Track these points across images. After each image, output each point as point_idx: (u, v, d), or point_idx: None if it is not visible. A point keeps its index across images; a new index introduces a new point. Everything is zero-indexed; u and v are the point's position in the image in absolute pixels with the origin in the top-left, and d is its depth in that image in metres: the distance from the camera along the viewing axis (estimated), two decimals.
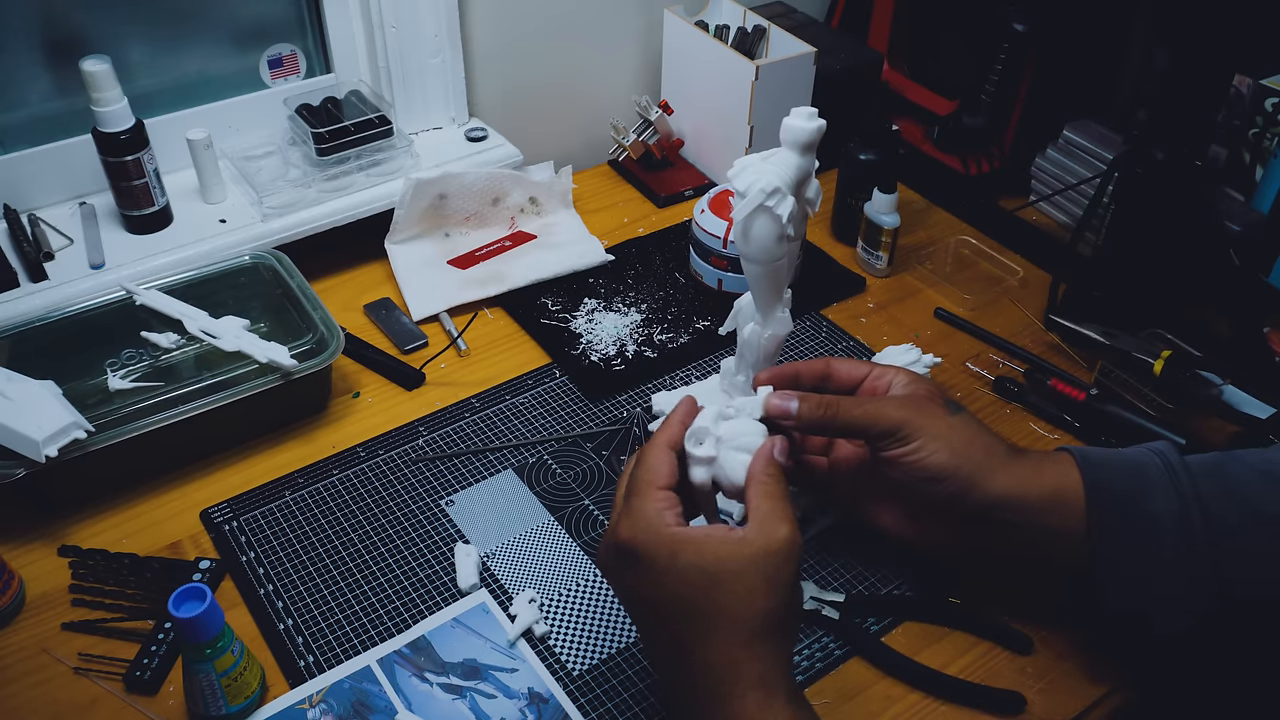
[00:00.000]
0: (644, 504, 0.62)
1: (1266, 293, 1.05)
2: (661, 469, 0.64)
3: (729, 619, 0.59)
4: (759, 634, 0.59)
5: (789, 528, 0.61)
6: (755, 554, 0.60)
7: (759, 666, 0.59)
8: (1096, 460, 0.70)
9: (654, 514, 0.62)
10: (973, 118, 1.24)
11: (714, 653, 0.59)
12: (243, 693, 0.68)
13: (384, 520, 0.85)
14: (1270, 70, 1.05)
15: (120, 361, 0.91)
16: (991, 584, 0.79)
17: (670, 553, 0.60)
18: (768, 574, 0.59)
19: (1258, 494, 0.67)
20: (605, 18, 1.28)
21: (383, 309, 1.06)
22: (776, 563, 0.60)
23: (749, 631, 0.59)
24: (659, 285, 1.10)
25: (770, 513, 0.62)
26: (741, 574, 0.59)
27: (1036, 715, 0.72)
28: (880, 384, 0.75)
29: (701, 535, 0.61)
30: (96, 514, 0.85)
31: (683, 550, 0.60)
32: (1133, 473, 0.69)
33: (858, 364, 0.77)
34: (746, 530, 0.61)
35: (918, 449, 0.69)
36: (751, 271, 0.79)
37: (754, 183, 0.73)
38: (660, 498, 0.62)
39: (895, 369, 0.76)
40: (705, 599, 0.59)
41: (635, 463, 0.66)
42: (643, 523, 0.62)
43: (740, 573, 0.59)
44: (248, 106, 1.14)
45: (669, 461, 0.65)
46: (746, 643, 0.59)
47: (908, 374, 0.75)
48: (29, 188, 1.05)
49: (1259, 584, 0.66)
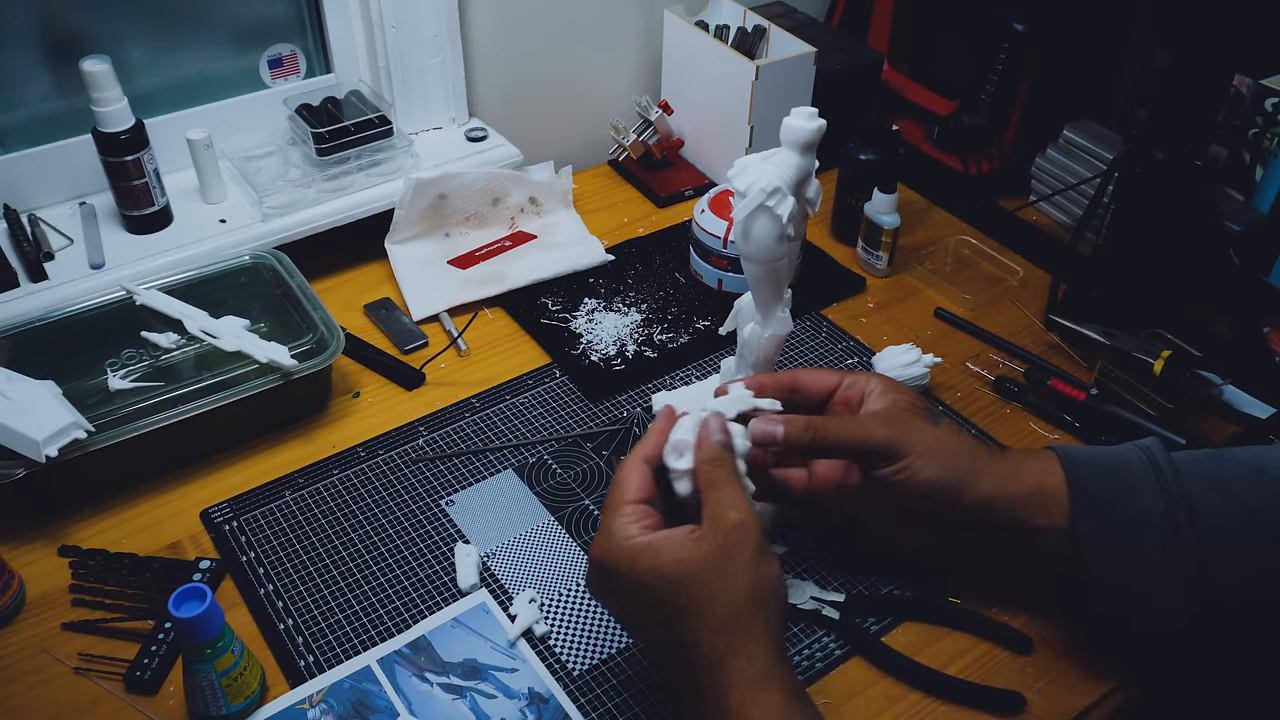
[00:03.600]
0: (611, 520, 0.64)
1: (1266, 293, 1.05)
2: (630, 484, 0.65)
3: (696, 618, 0.60)
4: (731, 626, 0.60)
5: (737, 514, 0.62)
6: (708, 550, 0.61)
7: (739, 660, 0.59)
8: (1080, 458, 0.70)
9: (619, 528, 0.63)
10: (973, 118, 1.24)
11: (694, 652, 0.60)
12: (243, 693, 0.68)
13: (384, 520, 0.85)
14: (1270, 70, 1.05)
15: (120, 361, 0.91)
16: (988, 578, 0.79)
17: (632, 564, 0.62)
18: (721, 567, 0.61)
19: (1247, 490, 0.67)
20: (605, 18, 1.28)
21: (383, 309, 1.06)
22: (731, 553, 0.61)
23: (720, 626, 0.60)
24: (659, 285, 1.10)
25: (716, 503, 0.63)
26: (699, 573, 0.61)
27: (1036, 715, 0.72)
28: (853, 393, 0.75)
29: (661, 540, 0.62)
30: (96, 514, 0.85)
31: (642, 558, 0.62)
32: (1117, 470, 0.69)
33: (826, 375, 0.76)
34: (701, 527, 0.63)
35: (907, 466, 0.70)
36: (751, 271, 0.79)
37: (754, 183, 0.73)
38: (627, 512, 0.64)
39: (867, 375, 0.75)
40: (671, 603, 0.61)
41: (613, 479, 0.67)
42: (609, 538, 0.63)
43: (698, 571, 0.61)
44: (248, 106, 1.14)
45: (639, 475, 0.66)
46: (722, 638, 0.60)
47: (880, 380, 0.75)
48: (29, 188, 1.05)
49: (1249, 581, 0.66)
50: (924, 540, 0.77)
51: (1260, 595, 0.66)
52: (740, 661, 0.59)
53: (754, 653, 0.60)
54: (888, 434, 0.70)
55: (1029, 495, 0.69)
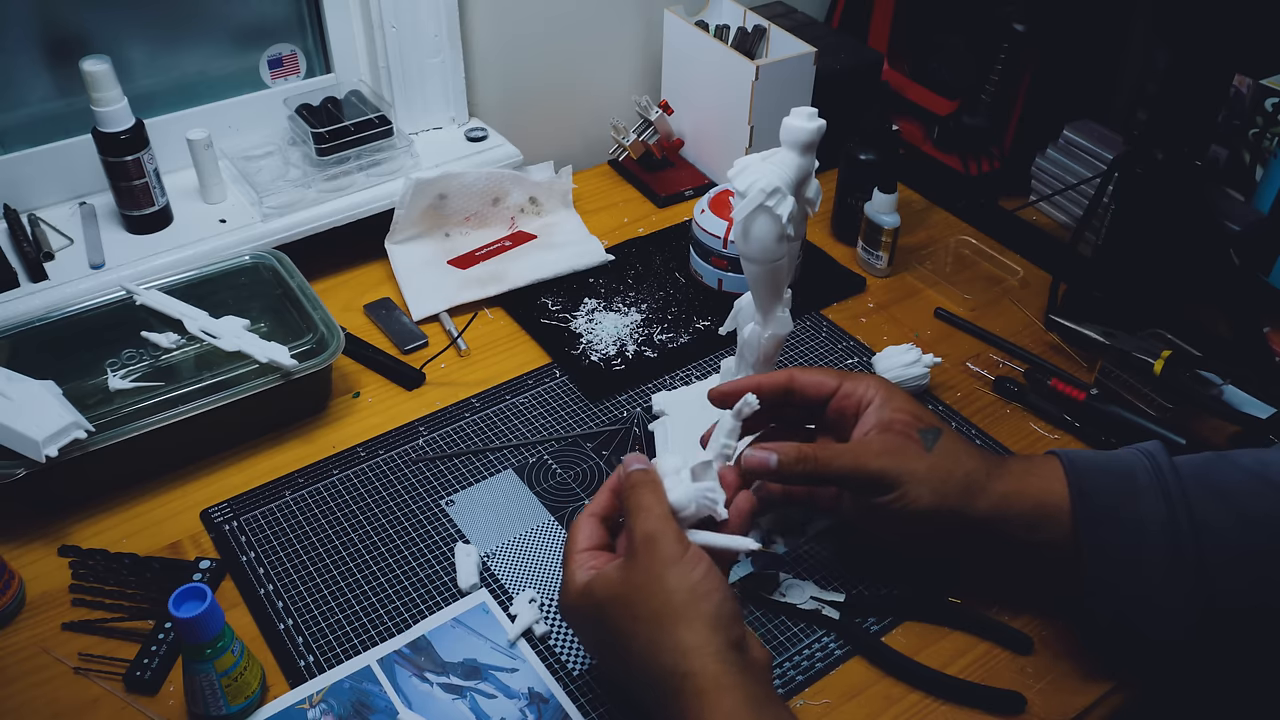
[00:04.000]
0: (566, 570, 0.67)
1: (1266, 293, 1.05)
2: (579, 536, 0.68)
3: (630, 639, 0.61)
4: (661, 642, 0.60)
5: (644, 530, 0.63)
6: (625, 571, 0.63)
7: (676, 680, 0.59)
8: (1083, 464, 0.70)
9: (569, 575, 0.66)
10: (973, 118, 1.24)
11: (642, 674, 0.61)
12: (243, 693, 0.68)
13: (384, 520, 0.85)
14: (1270, 70, 1.05)
15: (120, 361, 0.91)
16: (988, 578, 0.79)
17: (580, 599, 0.65)
18: (639, 583, 0.62)
19: (1248, 495, 0.66)
20: (605, 18, 1.28)
21: (383, 309, 1.06)
22: (643, 568, 0.62)
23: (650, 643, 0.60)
24: (659, 285, 1.10)
25: (631, 528, 0.65)
26: (621, 594, 0.63)
27: (1036, 715, 0.72)
28: (849, 404, 0.74)
29: (596, 574, 0.64)
30: (96, 514, 0.85)
31: (585, 593, 0.64)
32: (1120, 475, 0.69)
33: (823, 377, 0.76)
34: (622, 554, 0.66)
35: (901, 496, 0.70)
36: (751, 271, 0.79)
37: (754, 183, 0.73)
38: (577, 560, 0.66)
39: (864, 381, 0.75)
40: (611, 628, 0.63)
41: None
42: (565, 584, 0.66)
43: (620, 594, 0.63)
44: (248, 106, 1.14)
45: (589, 527, 0.68)
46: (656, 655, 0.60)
47: (878, 390, 0.74)
48: (29, 188, 1.05)
49: (1250, 587, 0.65)
50: (924, 550, 0.78)
51: (1261, 603, 0.66)
52: (677, 680, 0.59)
53: (691, 667, 0.59)
54: (880, 465, 0.70)
55: (1030, 513, 0.69)
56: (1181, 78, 0.99)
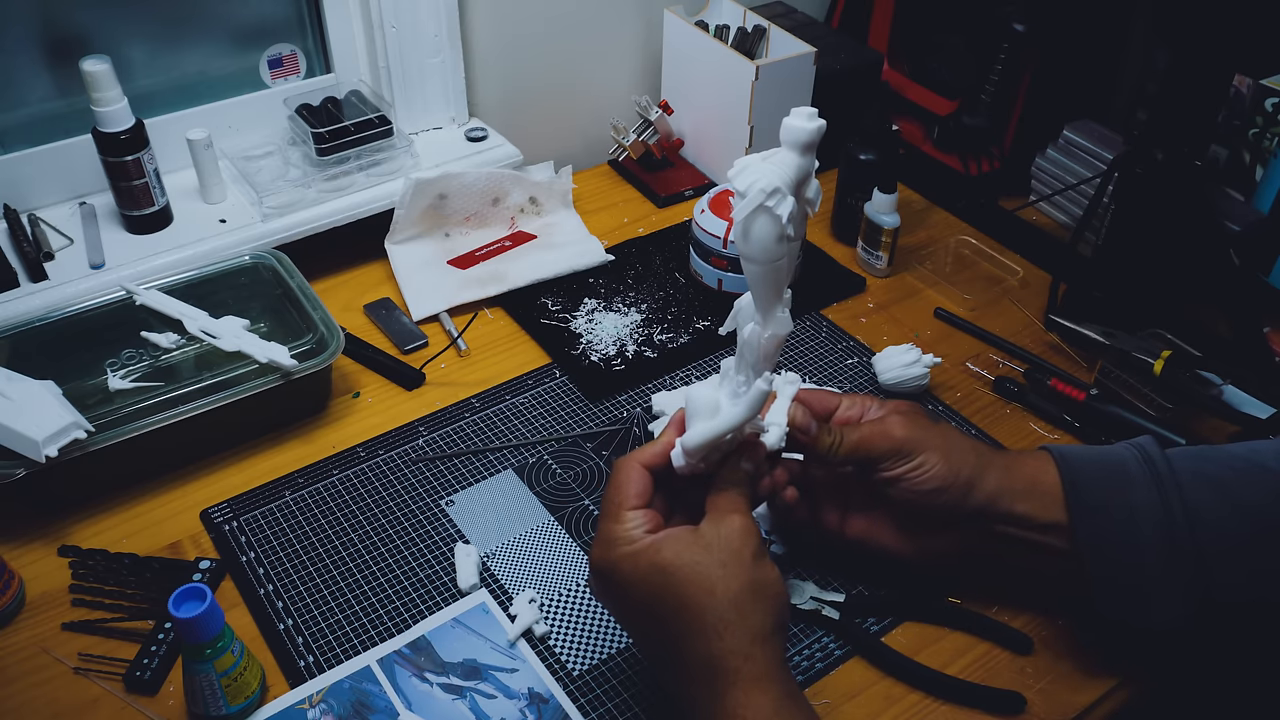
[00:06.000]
0: (613, 524, 0.65)
1: (1266, 293, 1.05)
2: (630, 488, 0.66)
3: (695, 613, 0.61)
4: (730, 621, 0.60)
5: (740, 517, 0.64)
6: (710, 545, 0.62)
7: (736, 659, 0.60)
8: (1074, 457, 0.71)
9: (621, 532, 0.64)
10: (973, 118, 1.24)
11: (691, 651, 0.61)
12: (243, 693, 0.68)
13: (384, 520, 0.85)
14: (1270, 70, 1.05)
15: (120, 361, 0.91)
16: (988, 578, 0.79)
17: (632, 562, 0.63)
18: (724, 561, 0.62)
19: (1241, 484, 0.67)
20: (605, 18, 1.28)
21: (383, 309, 1.06)
22: (733, 551, 0.62)
23: (719, 621, 0.60)
24: (659, 285, 1.10)
25: (722, 505, 0.65)
26: (699, 565, 0.62)
27: (1036, 715, 0.72)
28: (853, 414, 0.76)
29: (662, 537, 0.63)
30: (96, 514, 0.85)
31: (642, 555, 0.63)
32: (1111, 467, 0.69)
33: (825, 396, 0.77)
34: (703, 524, 0.64)
35: (920, 464, 0.71)
36: (751, 271, 0.79)
37: (754, 183, 0.73)
38: (629, 516, 0.65)
39: (866, 400, 0.76)
40: (671, 597, 0.61)
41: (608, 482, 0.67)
42: (610, 541, 0.64)
43: (698, 564, 0.62)
44: (248, 106, 1.14)
45: (640, 480, 0.66)
46: (719, 633, 0.60)
47: (879, 400, 0.77)
48: (29, 188, 1.05)
49: (1246, 577, 0.66)
50: (930, 545, 0.77)
51: (1257, 593, 0.66)
52: (737, 661, 0.60)
53: (752, 651, 0.60)
54: (903, 434, 0.72)
55: (1027, 490, 0.70)
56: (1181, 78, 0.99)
